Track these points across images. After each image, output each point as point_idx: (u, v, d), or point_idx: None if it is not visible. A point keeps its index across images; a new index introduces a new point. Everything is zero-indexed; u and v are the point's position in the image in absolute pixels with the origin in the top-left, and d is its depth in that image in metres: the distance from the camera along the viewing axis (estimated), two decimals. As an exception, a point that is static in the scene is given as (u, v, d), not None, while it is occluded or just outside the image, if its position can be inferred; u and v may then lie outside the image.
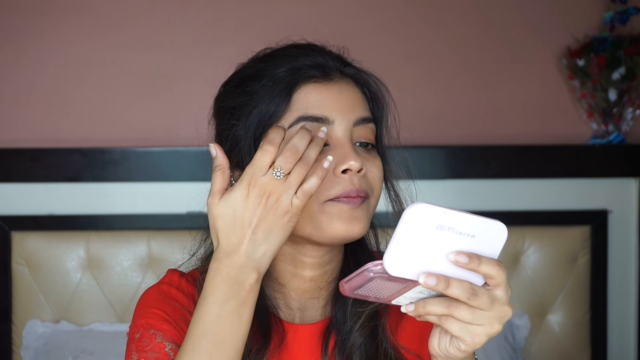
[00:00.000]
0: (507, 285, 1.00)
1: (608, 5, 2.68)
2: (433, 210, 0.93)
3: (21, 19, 2.59)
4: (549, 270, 2.59)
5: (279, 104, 1.16)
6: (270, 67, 1.20)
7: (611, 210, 2.66)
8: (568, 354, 2.61)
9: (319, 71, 1.18)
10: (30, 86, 2.60)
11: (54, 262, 2.49)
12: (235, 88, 1.22)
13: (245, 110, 1.18)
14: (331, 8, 2.66)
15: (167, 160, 2.54)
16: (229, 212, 1.10)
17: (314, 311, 1.24)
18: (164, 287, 1.23)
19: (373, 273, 0.95)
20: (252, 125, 1.17)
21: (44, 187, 2.54)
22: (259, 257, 1.10)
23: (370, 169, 1.18)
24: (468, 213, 0.95)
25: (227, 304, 1.09)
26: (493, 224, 0.97)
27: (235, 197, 1.09)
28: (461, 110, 2.70)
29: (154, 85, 2.62)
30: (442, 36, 2.68)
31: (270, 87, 1.17)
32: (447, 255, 0.95)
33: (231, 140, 1.19)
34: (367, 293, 0.99)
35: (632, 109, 2.67)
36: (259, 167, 1.09)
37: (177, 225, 2.51)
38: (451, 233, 0.94)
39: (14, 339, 2.50)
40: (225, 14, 2.63)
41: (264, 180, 1.09)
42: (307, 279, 1.23)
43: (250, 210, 1.09)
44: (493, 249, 0.98)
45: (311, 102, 1.16)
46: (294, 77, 1.17)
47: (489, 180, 2.63)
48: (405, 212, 0.93)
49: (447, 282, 0.95)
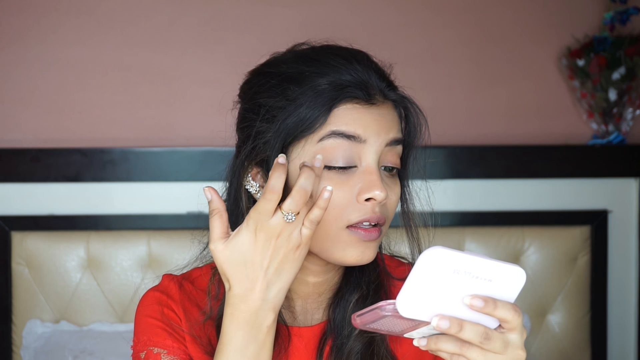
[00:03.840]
0: (522, 328, 0.98)
1: (608, 5, 2.68)
2: (450, 255, 0.92)
3: (22, 20, 2.59)
4: (549, 270, 2.59)
5: (317, 117, 1.14)
6: (313, 74, 1.16)
7: (611, 210, 2.66)
8: (568, 354, 2.61)
9: (363, 92, 1.15)
10: (31, 86, 2.60)
11: (54, 262, 2.49)
12: (274, 87, 1.17)
13: (281, 115, 1.15)
14: (330, 9, 2.66)
15: (167, 160, 2.54)
16: (237, 257, 1.08)
17: (314, 314, 1.24)
18: (162, 298, 1.23)
19: (386, 312, 0.95)
20: (284, 131, 1.15)
21: (44, 187, 2.54)
22: (274, 296, 1.09)
23: (391, 196, 1.17)
24: (486, 258, 0.94)
25: (247, 350, 1.09)
26: (511, 269, 0.95)
27: (242, 241, 1.08)
28: (461, 110, 2.70)
29: (154, 85, 2.62)
30: (442, 36, 2.68)
31: (311, 97, 1.14)
32: (463, 299, 0.94)
33: (257, 137, 1.16)
34: (379, 327, 0.99)
35: (632, 109, 2.67)
36: (264, 213, 1.07)
37: (177, 225, 2.51)
38: (467, 277, 0.93)
39: (14, 339, 2.50)
40: (226, 14, 2.63)
41: (273, 224, 1.07)
42: (310, 284, 1.23)
43: (260, 253, 1.08)
44: (510, 293, 0.97)
45: (348, 121, 1.14)
46: (336, 93, 1.14)
47: (489, 180, 2.63)
48: (421, 256, 0.92)
49: (461, 326, 0.95)
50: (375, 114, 1.16)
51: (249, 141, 1.17)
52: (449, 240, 2.57)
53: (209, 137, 2.54)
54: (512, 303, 0.96)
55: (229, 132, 1.25)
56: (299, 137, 1.14)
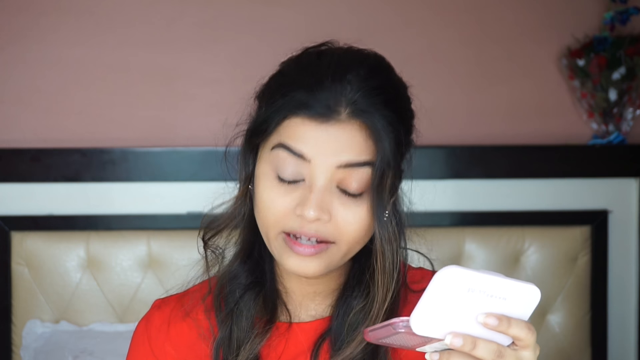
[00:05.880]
0: (535, 346, 0.98)
1: (608, 5, 2.67)
2: (464, 274, 0.92)
3: (22, 20, 2.59)
4: (549, 270, 2.59)
5: (269, 125, 1.14)
6: (291, 82, 1.15)
7: (611, 210, 2.66)
8: (568, 354, 2.61)
9: (317, 107, 1.11)
10: (31, 86, 2.60)
11: (54, 262, 2.49)
12: (265, 86, 1.21)
13: (257, 115, 1.18)
14: (330, 9, 2.65)
15: (167, 160, 2.54)
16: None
17: (309, 312, 1.24)
18: (151, 331, 1.24)
19: (399, 329, 0.95)
20: (250, 129, 1.18)
21: (43, 187, 2.54)
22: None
23: (344, 217, 1.12)
24: (500, 276, 0.94)
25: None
26: (526, 287, 0.95)
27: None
28: (461, 110, 2.70)
29: (154, 85, 2.62)
30: (442, 36, 2.68)
31: (274, 103, 1.15)
32: (477, 317, 0.94)
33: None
34: (392, 342, 0.99)
35: (632, 109, 2.67)
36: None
37: (177, 225, 2.50)
38: (482, 295, 0.93)
39: (14, 339, 2.50)
40: (225, 14, 2.63)
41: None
42: (305, 282, 1.22)
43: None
44: (524, 311, 0.97)
45: (296, 136, 1.12)
46: (290, 103, 1.12)
47: (489, 180, 2.63)
48: (436, 275, 0.92)
49: (474, 343, 0.94)
50: (325, 133, 1.11)
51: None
52: (449, 240, 2.57)
53: (209, 137, 2.54)
54: (526, 321, 0.97)
55: (228, 132, 1.25)
56: (260, 140, 1.16)
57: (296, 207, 1.12)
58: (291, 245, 1.13)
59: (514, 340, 0.97)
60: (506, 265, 2.58)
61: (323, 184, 1.12)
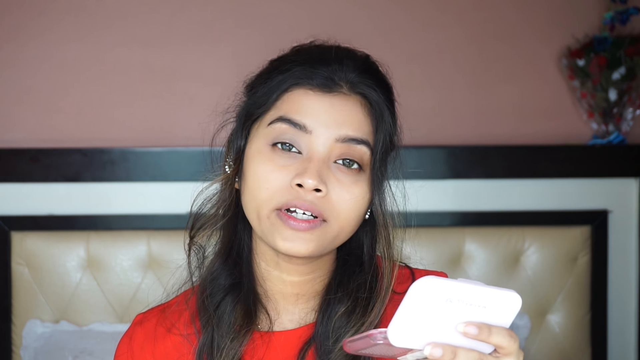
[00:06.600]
0: (518, 352, 0.96)
1: (608, 5, 2.68)
2: (441, 285, 0.90)
3: (20, 18, 2.59)
4: (549, 271, 2.59)
5: (268, 100, 1.16)
6: (288, 63, 1.17)
7: (611, 210, 2.66)
8: (568, 354, 2.61)
9: (318, 77, 1.14)
10: (30, 86, 2.60)
11: (54, 262, 2.49)
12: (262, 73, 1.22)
13: (248, 98, 1.20)
14: (331, 9, 2.65)
15: (166, 160, 2.54)
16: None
17: (294, 317, 1.22)
18: (134, 349, 1.24)
19: (377, 340, 0.93)
20: (243, 112, 1.20)
21: (43, 187, 2.54)
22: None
23: (339, 193, 1.13)
24: (480, 285, 0.92)
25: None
26: (506, 295, 0.93)
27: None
28: (461, 110, 2.70)
29: (154, 84, 2.62)
30: (442, 36, 2.68)
31: (271, 81, 1.17)
32: (456, 326, 0.92)
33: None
34: (372, 352, 0.97)
35: (632, 109, 2.67)
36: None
37: (176, 225, 2.50)
38: (461, 304, 0.91)
39: (14, 339, 2.50)
40: (226, 12, 2.63)
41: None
42: (288, 284, 1.21)
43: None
44: (505, 318, 0.94)
45: (297, 107, 1.13)
46: (287, 75, 1.15)
47: (489, 180, 2.63)
48: (412, 287, 0.90)
49: (454, 353, 0.92)
50: (327, 103, 1.13)
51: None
52: (449, 240, 2.57)
53: (208, 137, 2.54)
54: (507, 328, 0.94)
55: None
56: (254, 119, 1.17)
57: (293, 178, 1.12)
58: (285, 219, 1.12)
59: (496, 348, 0.95)
60: (506, 265, 2.58)
61: (323, 155, 1.13)
